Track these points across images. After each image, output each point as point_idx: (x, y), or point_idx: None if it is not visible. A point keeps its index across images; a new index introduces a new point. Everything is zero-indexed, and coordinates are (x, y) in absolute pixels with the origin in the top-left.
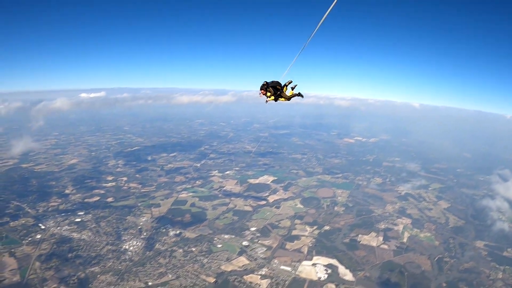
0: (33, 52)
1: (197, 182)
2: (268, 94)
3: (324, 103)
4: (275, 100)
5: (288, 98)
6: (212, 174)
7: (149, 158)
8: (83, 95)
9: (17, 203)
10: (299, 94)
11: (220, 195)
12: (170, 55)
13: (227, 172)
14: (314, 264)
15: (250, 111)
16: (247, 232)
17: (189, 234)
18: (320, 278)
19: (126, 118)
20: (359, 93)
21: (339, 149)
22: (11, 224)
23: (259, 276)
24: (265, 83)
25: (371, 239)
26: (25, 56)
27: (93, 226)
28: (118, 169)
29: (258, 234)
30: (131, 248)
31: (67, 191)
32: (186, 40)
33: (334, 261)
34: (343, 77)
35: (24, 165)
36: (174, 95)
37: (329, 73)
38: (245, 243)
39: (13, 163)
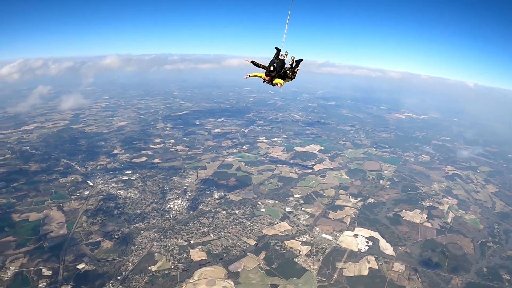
0: (89, 17)
1: (243, 147)
2: (265, 77)
3: (376, 76)
4: (272, 84)
5: (292, 78)
6: (259, 140)
7: (197, 123)
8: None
9: (67, 161)
10: (298, 63)
11: (266, 161)
12: (222, 22)
13: (275, 139)
14: (355, 235)
15: (299, 80)
16: (291, 199)
17: (233, 197)
18: (360, 249)
19: (175, 83)
20: (412, 68)
21: (388, 124)
22: (61, 180)
23: (300, 242)
24: (272, 68)
25: (414, 216)
26: (81, 20)
27: (139, 184)
28: (166, 132)
29: (302, 202)
30: (175, 207)
31: (115, 151)
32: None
33: (375, 234)
34: (397, 50)
35: (74, 126)
36: (224, 60)
37: (383, 45)
38: (288, 209)
39: (64, 124)
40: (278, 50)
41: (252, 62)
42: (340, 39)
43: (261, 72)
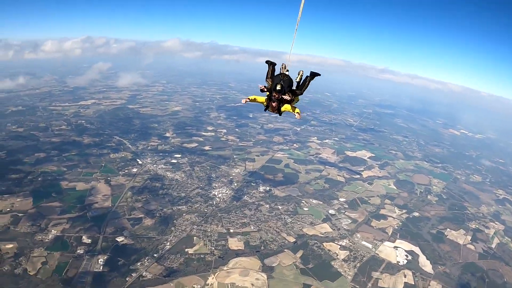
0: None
1: (294, 145)
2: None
3: (435, 88)
4: (279, 113)
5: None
6: (311, 140)
7: (251, 116)
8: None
9: (119, 139)
10: (313, 77)
11: (315, 161)
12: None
13: (326, 141)
14: (395, 247)
15: (357, 82)
16: (335, 202)
17: (278, 192)
18: (398, 262)
19: (233, 75)
20: (472, 83)
21: (442, 139)
22: (111, 155)
23: (339, 246)
24: (278, 88)
25: (458, 236)
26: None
27: (187, 169)
28: (219, 121)
29: (346, 206)
30: (220, 195)
31: (167, 134)
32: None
33: (416, 249)
34: (459, 63)
35: (130, 106)
36: (282, 55)
37: (445, 57)
38: (331, 211)
39: (121, 103)
40: (271, 64)
41: (262, 90)
42: (402, 46)
43: (263, 97)
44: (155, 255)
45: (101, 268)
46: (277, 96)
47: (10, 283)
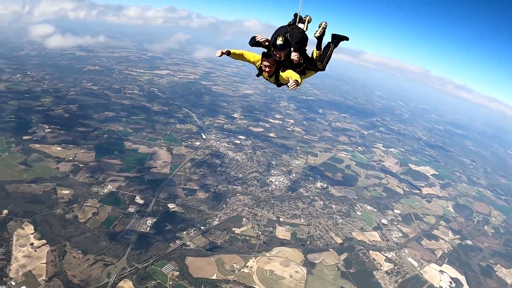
0: None
1: (359, 147)
2: (264, 62)
3: None
4: (277, 82)
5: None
6: (376, 146)
7: (320, 111)
8: None
9: (188, 111)
10: (338, 40)
11: (377, 168)
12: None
13: (391, 149)
14: (441, 271)
15: (433, 95)
16: (389, 212)
17: (334, 191)
18: (441, 287)
19: None
20: None
21: (511, 170)
22: (177, 126)
23: (384, 257)
24: (279, 42)
25: (508, 275)
26: None
27: (249, 151)
28: (288, 111)
29: (400, 219)
30: (277, 183)
31: (235, 115)
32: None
33: (462, 278)
34: None
35: (203, 82)
36: (362, 54)
37: None
38: (384, 221)
39: (194, 78)
40: (297, 16)
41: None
42: (485, 64)
43: (256, 54)
44: (202, 227)
45: (147, 229)
46: (277, 55)
47: (59, 226)
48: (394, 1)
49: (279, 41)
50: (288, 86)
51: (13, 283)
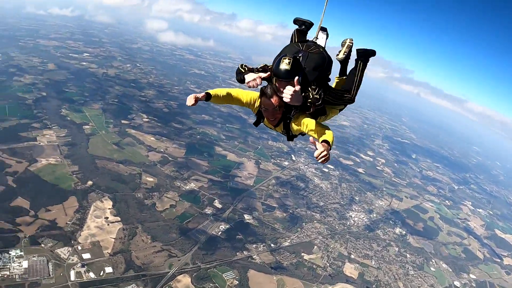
0: None
1: (446, 201)
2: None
3: None
4: (288, 134)
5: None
6: (464, 203)
7: (413, 156)
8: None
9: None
10: (366, 58)
11: (460, 226)
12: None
13: (479, 210)
14: None
15: None
16: (464, 275)
17: (412, 240)
18: None
19: (408, 110)
20: None
21: None
22: (269, 142)
23: None
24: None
25: None
26: None
27: (335, 182)
28: (381, 150)
29: (474, 285)
30: (356, 218)
31: None
32: None
33: None
34: None
35: None
36: (465, 103)
37: None
38: (457, 283)
39: None
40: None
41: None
42: None
43: (251, 92)
44: (272, 245)
45: (218, 234)
46: (279, 88)
47: (136, 208)
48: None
49: (285, 64)
50: (316, 155)
51: (79, 248)
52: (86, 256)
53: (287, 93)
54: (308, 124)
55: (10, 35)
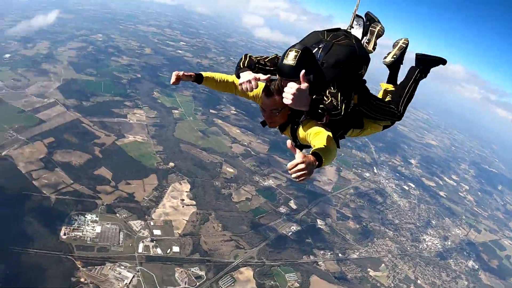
0: None
1: None
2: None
3: None
4: (295, 141)
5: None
6: None
7: (499, 187)
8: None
9: (367, 141)
10: (428, 64)
11: None
12: None
13: None
14: None
15: None
16: None
17: (484, 277)
18: None
19: (500, 138)
20: None
21: None
22: (353, 151)
23: None
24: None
25: None
26: None
27: (413, 201)
28: (466, 176)
29: None
30: (429, 243)
31: (412, 161)
32: None
33: None
34: None
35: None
36: None
37: None
38: None
39: None
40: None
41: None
42: None
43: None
44: (340, 255)
45: (288, 234)
46: (284, 87)
47: (212, 196)
48: None
49: (290, 58)
50: (288, 166)
51: (152, 223)
52: (157, 232)
53: (288, 92)
54: (314, 133)
55: (112, 18)
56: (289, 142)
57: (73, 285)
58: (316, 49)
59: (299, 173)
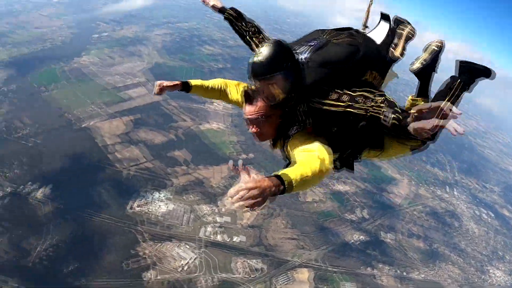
0: None
1: None
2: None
3: None
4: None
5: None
6: None
7: None
8: None
9: (443, 158)
10: (472, 74)
11: None
12: None
13: None
14: None
15: None
16: None
17: None
18: None
19: None
20: None
21: None
22: (427, 167)
23: None
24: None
25: None
26: None
27: (490, 231)
28: None
29: None
30: (494, 277)
31: (494, 188)
32: None
33: None
34: None
35: (470, 137)
36: None
37: None
38: None
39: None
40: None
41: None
42: None
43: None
44: (398, 272)
45: (350, 242)
46: (263, 91)
47: None
48: None
49: (257, 55)
50: (230, 192)
51: (220, 210)
52: (224, 219)
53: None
54: (301, 151)
55: (197, 8)
56: (231, 163)
57: (131, 257)
58: (305, 46)
59: (246, 201)
